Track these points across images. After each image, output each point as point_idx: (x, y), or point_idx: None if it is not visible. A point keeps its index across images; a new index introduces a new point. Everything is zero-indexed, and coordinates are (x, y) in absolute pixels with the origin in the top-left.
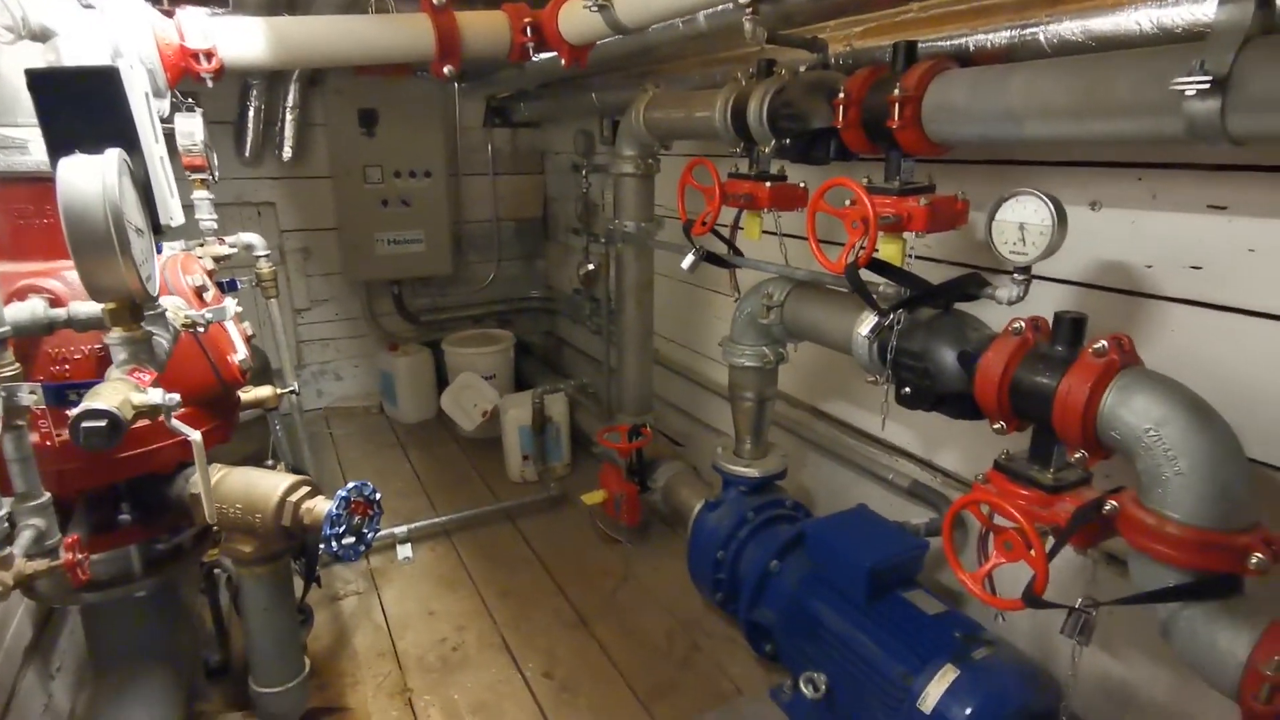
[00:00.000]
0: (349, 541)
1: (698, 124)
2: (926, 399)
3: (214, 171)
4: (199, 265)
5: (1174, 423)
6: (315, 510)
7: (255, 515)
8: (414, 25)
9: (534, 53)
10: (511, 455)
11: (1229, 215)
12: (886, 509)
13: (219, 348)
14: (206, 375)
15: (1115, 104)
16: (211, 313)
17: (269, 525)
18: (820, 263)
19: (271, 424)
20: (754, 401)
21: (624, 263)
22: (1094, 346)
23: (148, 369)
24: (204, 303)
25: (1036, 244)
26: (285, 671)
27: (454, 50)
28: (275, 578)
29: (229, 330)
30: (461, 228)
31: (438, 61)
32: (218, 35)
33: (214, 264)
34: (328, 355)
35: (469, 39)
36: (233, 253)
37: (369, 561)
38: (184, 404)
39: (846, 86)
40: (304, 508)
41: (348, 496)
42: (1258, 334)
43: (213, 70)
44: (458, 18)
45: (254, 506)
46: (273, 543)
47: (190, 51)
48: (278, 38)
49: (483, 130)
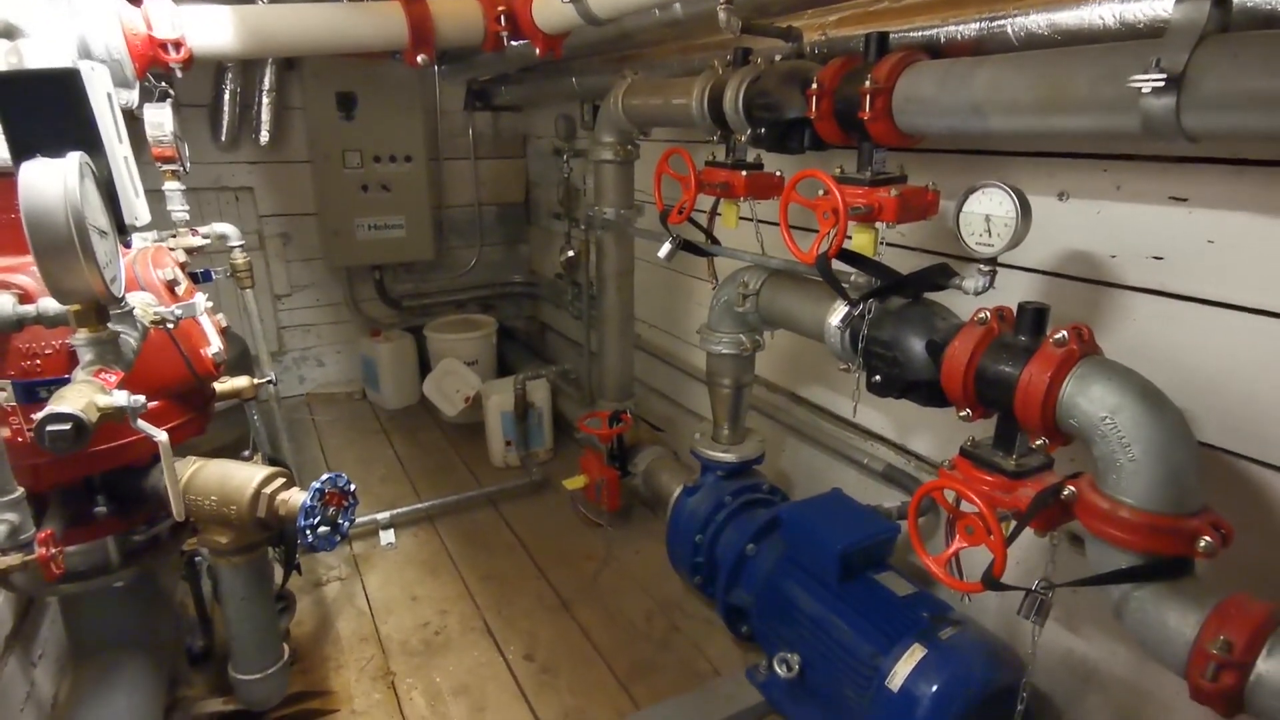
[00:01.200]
0: (324, 532)
1: (675, 112)
2: (896, 387)
3: (185, 162)
4: (170, 258)
5: (1128, 411)
6: (290, 502)
7: (230, 507)
8: (386, 14)
9: (508, 41)
10: (494, 441)
11: (1189, 207)
12: (862, 492)
13: (192, 341)
14: (179, 369)
15: (1075, 100)
16: (181, 308)
17: (244, 517)
18: (792, 253)
19: (249, 414)
20: (731, 388)
21: (604, 249)
22: (1054, 336)
23: (114, 369)
24: (175, 296)
25: (1002, 236)
26: (264, 659)
27: (427, 39)
28: (252, 567)
29: (202, 323)
30: (443, 212)
31: (411, 50)
32: (186, 24)
33: (186, 256)
34: (309, 341)
35: (443, 28)
36: (205, 244)
37: (352, 547)
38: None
39: (819, 77)
40: (279, 499)
41: (322, 488)
42: (1215, 323)
43: (181, 60)
44: (431, 6)
45: (229, 499)
46: (249, 534)
47: (158, 41)
48: (247, 26)
49: (464, 114)
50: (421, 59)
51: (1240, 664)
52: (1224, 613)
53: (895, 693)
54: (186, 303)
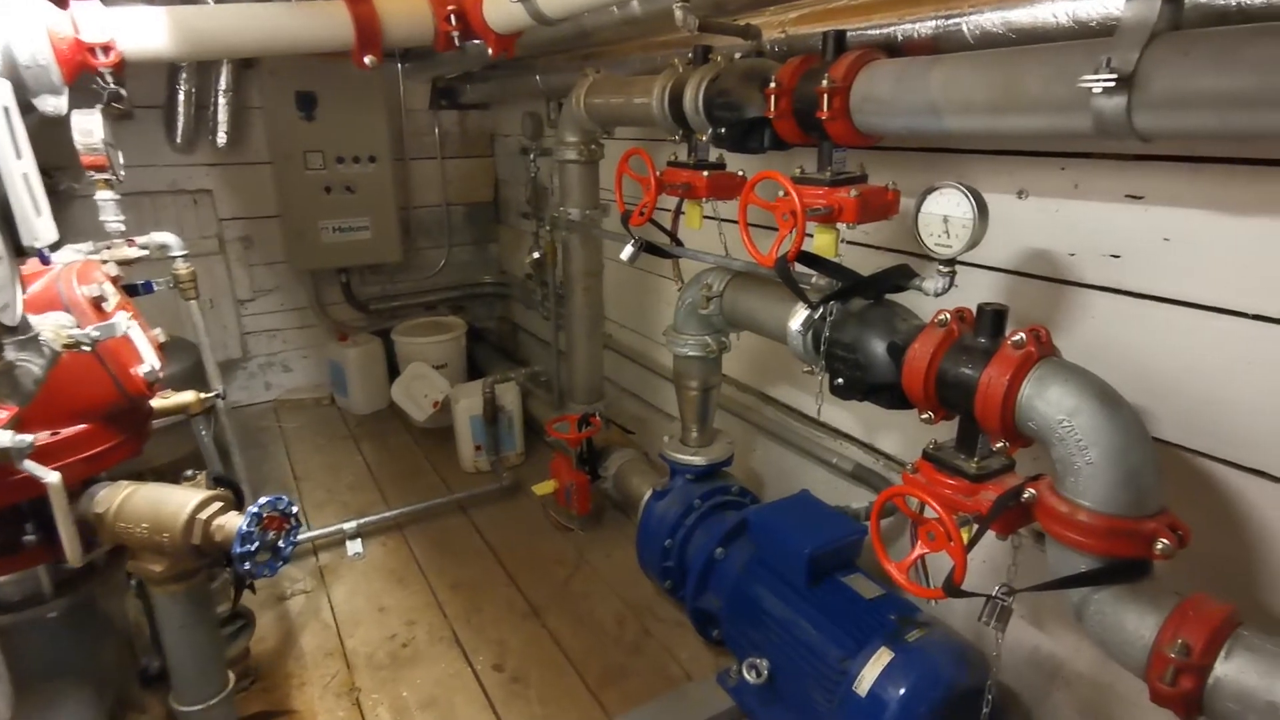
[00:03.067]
0: (263, 558)
1: (636, 111)
2: (859, 390)
3: (118, 170)
4: (101, 272)
5: (1085, 413)
6: (227, 528)
7: (163, 535)
8: (330, 14)
9: (459, 41)
10: (464, 446)
11: (1145, 205)
12: (832, 492)
13: (120, 360)
14: (107, 390)
15: (1028, 100)
16: (99, 329)
17: (178, 544)
18: (752, 255)
19: (196, 430)
20: (699, 390)
21: (570, 250)
22: (1012, 339)
23: (6, 405)
24: (103, 313)
25: (960, 237)
26: (206, 689)
27: (374, 40)
28: (191, 595)
29: (134, 340)
30: (410, 213)
31: (358, 51)
32: (116, 27)
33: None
34: (275, 347)
35: (390, 28)
36: (143, 255)
37: (318, 558)
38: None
39: (778, 76)
40: (215, 525)
41: (259, 512)
42: (1172, 321)
43: (112, 64)
44: (378, 5)
45: (161, 526)
46: (184, 561)
47: (86, 45)
48: (182, 28)
49: (429, 112)
50: (369, 60)
51: (1199, 667)
52: (1182, 615)
53: (863, 697)
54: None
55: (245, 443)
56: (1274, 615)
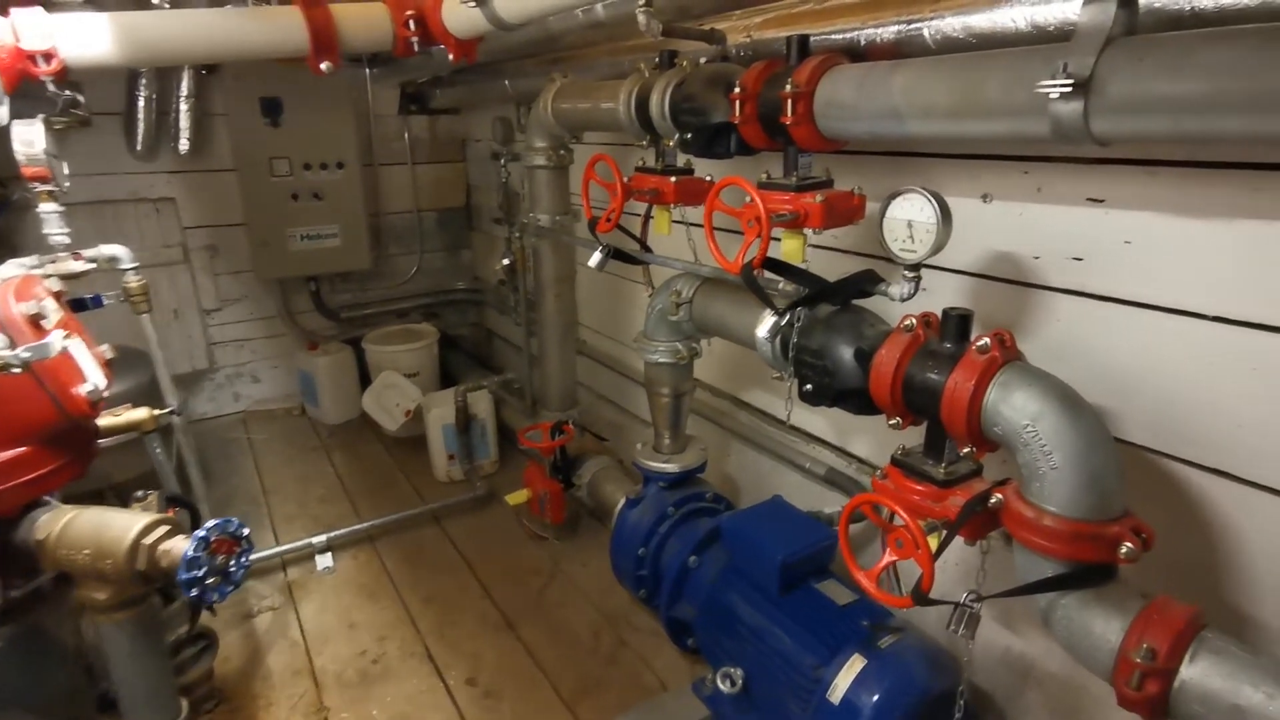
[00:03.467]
0: (212, 583)
1: (603, 116)
2: (827, 396)
3: (62, 182)
4: (42, 288)
5: (1048, 418)
6: (173, 553)
7: (106, 561)
8: (284, 20)
9: (419, 47)
10: (437, 455)
11: (1106, 208)
12: (806, 496)
13: (60, 379)
14: (46, 411)
15: (988, 105)
16: (30, 350)
17: (122, 571)
18: (718, 262)
19: (150, 448)
20: (670, 397)
21: (541, 256)
22: (977, 343)
23: None
24: (42, 331)
25: (924, 241)
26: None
27: (330, 45)
28: (138, 622)
29: (76, 358)
30: (380, 220)
31: (313, 58)
32: (59, 34)
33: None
34: (243, 357)
35: (347, 33)
36: (90, 269)
37: (286, 574)
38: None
39: (742, 81)
40: (160, 550)
41: (207, 536)
42: (1134, 323)
43: (53, 72)
44: (333, 11)
45: (104, 552)
46: (129, 588)
47: (27, 53)
48: (128, 35)
49: (399, 118)
50: (326, 66)
51: (1164, 671)
52: (1147, 619)
53: (836, 705)
54: (37, 344)
55: (213, 455)
56: (1239, 614)
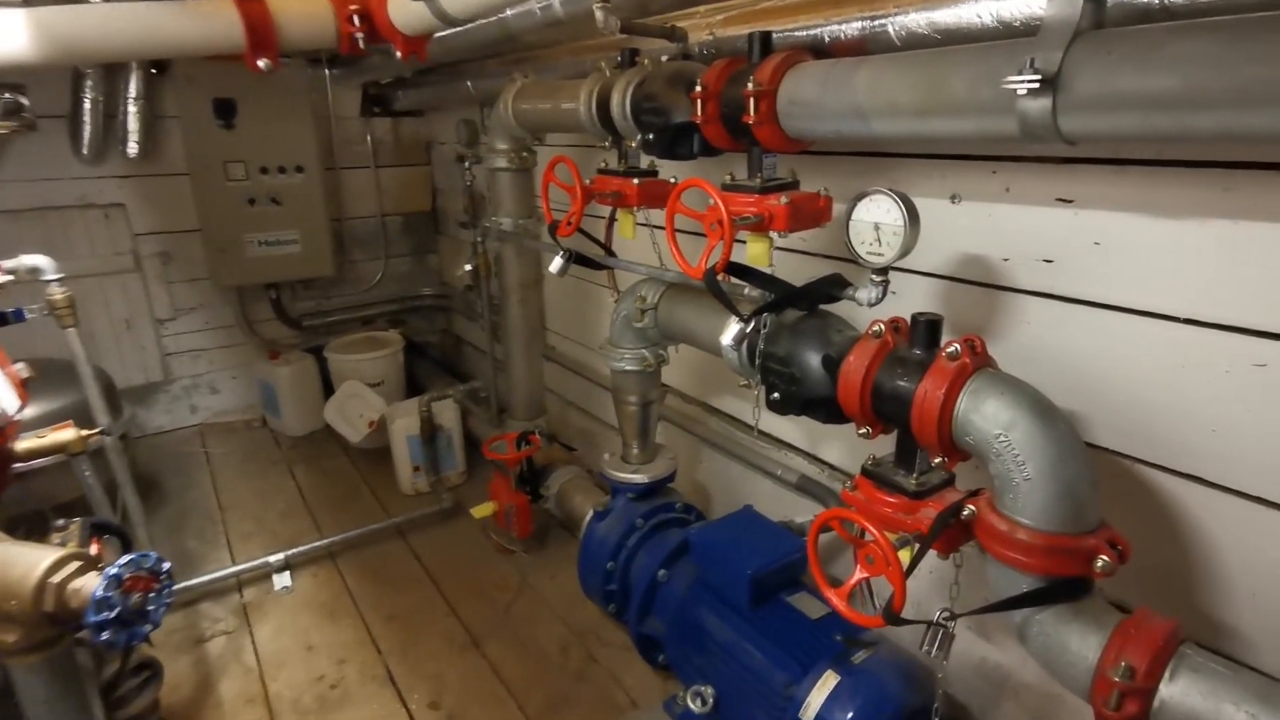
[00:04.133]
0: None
1: (564, 116)
2: (795, 404)
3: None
4: None
5: (1020, 427)
6: (83, 592)
7: (11, 602)
8: (216, 14)
9: (364, 44)
10: (401, 467)
11: (1075, 209)
12: (778, 504)
13: None
14: None
15: (954, 102)
16: None
17: (28, 613)
18: (681, 267)
19: (79, 471)
20: (638, 405)
21: (505, 261)
22: (947, 350)
23: None
24: None
25: (891, 245)
26: None
27: (268, 42)
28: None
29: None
30: (343, 225)
31: (250, 54)
32: None
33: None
34: (200, 368)
35: (286, 29)
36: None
37: (242, 595)
38: None
39: (703, 80)
40: (70, 589)
41: (119, 574)
42: (1104, 325)
43: None
44: (270, 5)
45: (8, 592)
46: (39, 630)
47: None
48: (46, 31)
49: (361, 120)
50: (264, 64)
51: (1143, 690)
52: (1125, 635)
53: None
54: None
55: (168, 471)
56: (1214, 622)
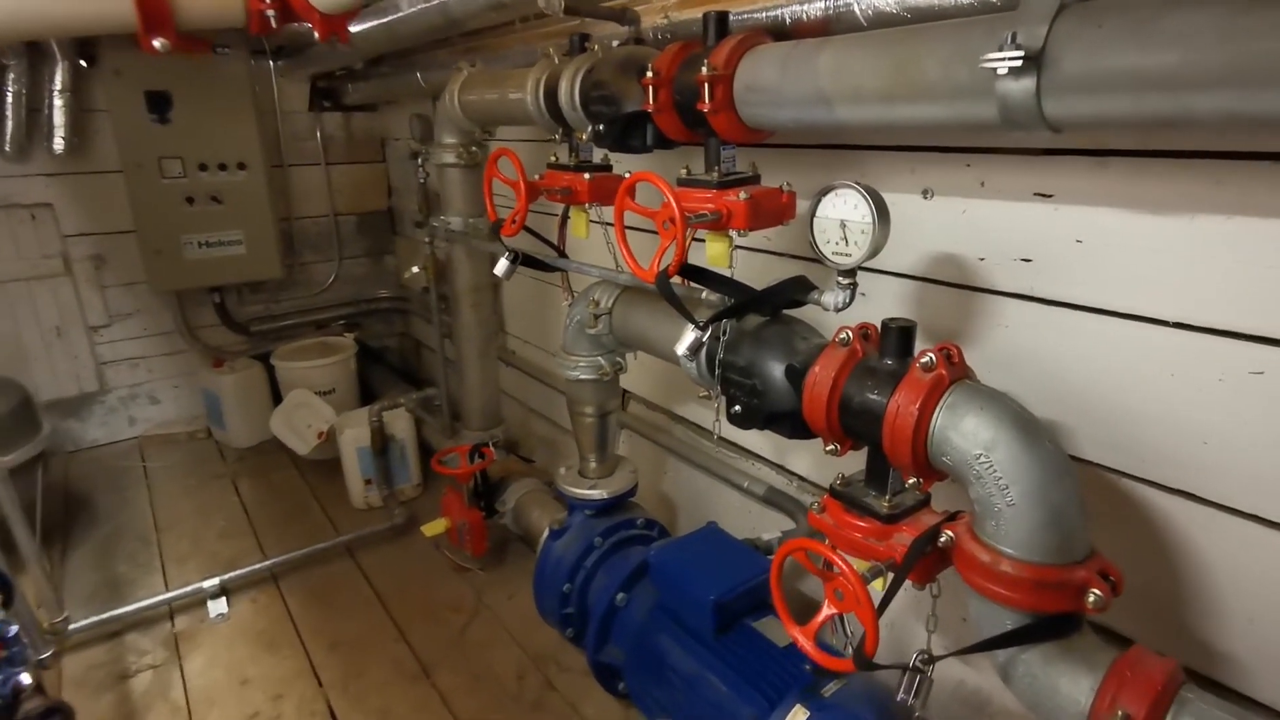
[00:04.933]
0: None
1: (512, 107)
2: (758, 418)
3: None
4: None
5: (1003, 447)
6: None
7: None
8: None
9: (277, 22)
10: (352, 480)
11: (1055, 204)
12: (746, 517)
13: None
14: None
15: (926, 86)
16: None
17: None
18: (631, 269)
19: None
20: (595, 416)
21: (455, 263)
22: (921, 360)
23: None
24: None
25: (859, 244)
26: None
27: (163, 20)
28: None
29: None
30: (293, 225)
31: (144, 34)
32: None
33: None
34: (139, 377)
35: (184, 6)
36: None
37: (173, 624)
38: None
39: (655, 65)
40: None
41: None
42: (1086, 329)
43: None
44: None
45: None
46: None
47: None
48: None
49: (310, 115)
50: (160, 44)
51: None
52: (1119, 677)
53: None
54: None
55: (102, 489)
56: (1209, 649)
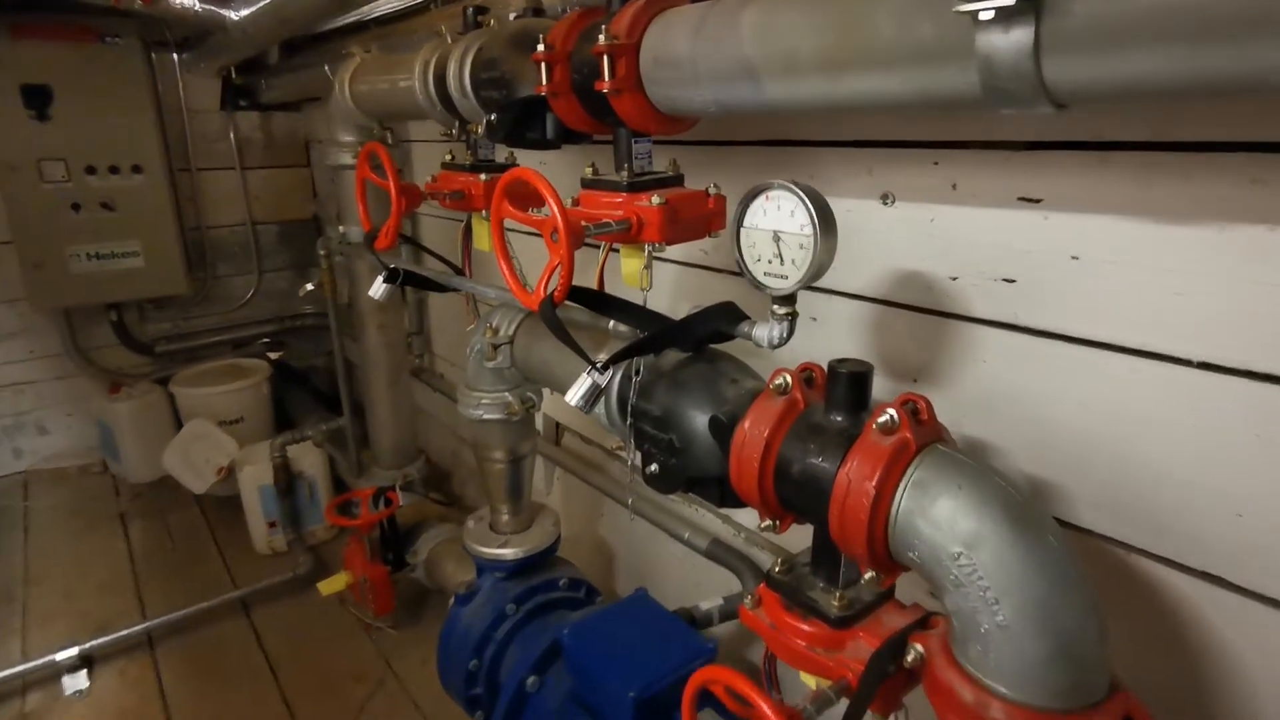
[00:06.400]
0: None
1: (402, 97)
2: (677, 480)
3: None
4: None
5: (989, 544)
6: None
7: None
8: None
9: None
10: (254, 522)
11: (1044, 210)
12: (690, 570)
13: None
14: None
15: (878, 47)
16: None
17: None
18: (513, 292)
19: None
20: (506, 461)
21: (357, 279)
22: (879, 419)
23: None
24: None
25: (797, 261)
26: None
27: None
28: None
29: None
30: (204, 234)
31: None
32: None
33: None
34: (24, 405)
35: None
36: None
37: (24, 701)
38: None
39: (549, 37)
40: None
41: None
42: (1086, 368)
43: None
44: None
45: None
46: None
47: None
48: None
49: (222, 114)
50: None
51: None
52: None
53: None
54: None
55: None
56: None
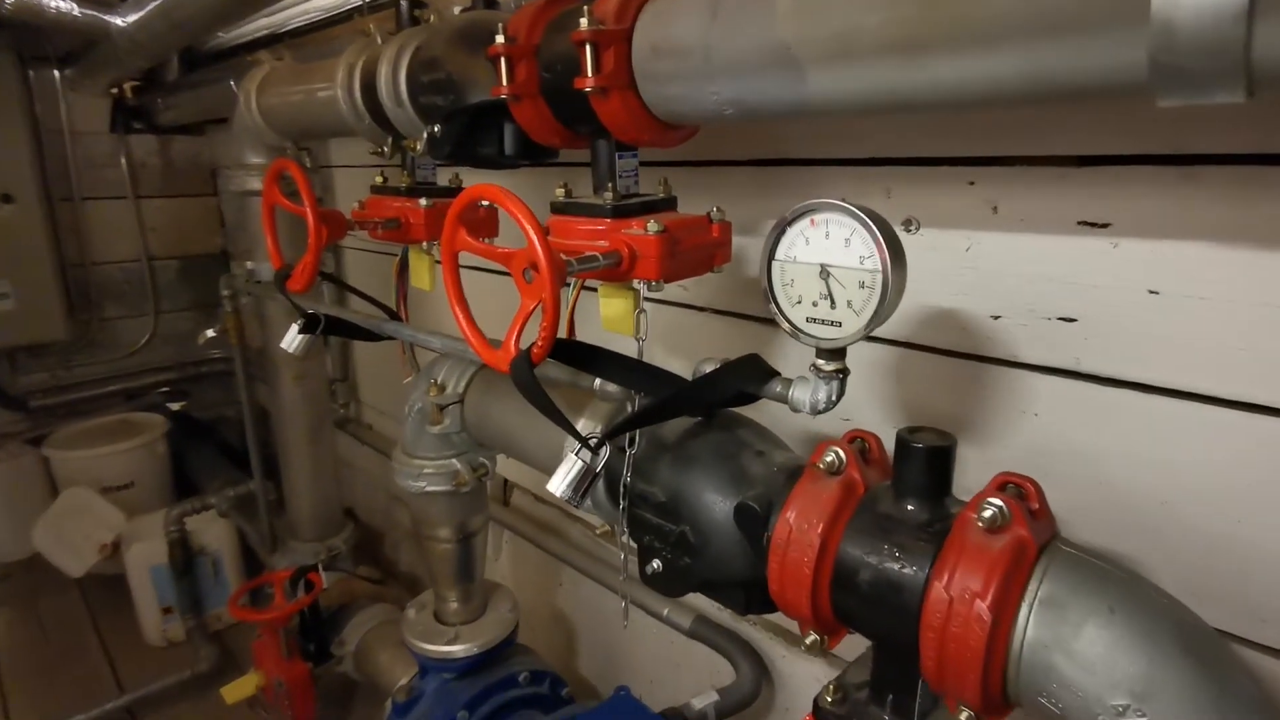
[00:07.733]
0: None
1: (321, 110)
2: (688, 582)
3: None
4: None
5: (1170, 691)
6: None
7: None
8: None
9: None
10: (145, 610)
11: (1113, 237)
12: (668, 649)
13: None
14: None
15: (987, 18)
16: None
17: None
18: (473, 347)
19: None
20: (454, 541)
21: (269, 323)
22: (982, 511)
23: None
24: None
25: (856, 304)
26: None
27: None
28: None
29: None
30: (88, 272)
31: None
32: None
33: None
34: None
35: None
36: None
37: None
38: None
39: (510, 27)
40: None
41: None
42: (1166, 423)
43: None
44: None
45: None
46: None
47: None
48: None
49: (112, 137)
50: None
51: None
52: None
53: None
54: None
55: None
56: None
